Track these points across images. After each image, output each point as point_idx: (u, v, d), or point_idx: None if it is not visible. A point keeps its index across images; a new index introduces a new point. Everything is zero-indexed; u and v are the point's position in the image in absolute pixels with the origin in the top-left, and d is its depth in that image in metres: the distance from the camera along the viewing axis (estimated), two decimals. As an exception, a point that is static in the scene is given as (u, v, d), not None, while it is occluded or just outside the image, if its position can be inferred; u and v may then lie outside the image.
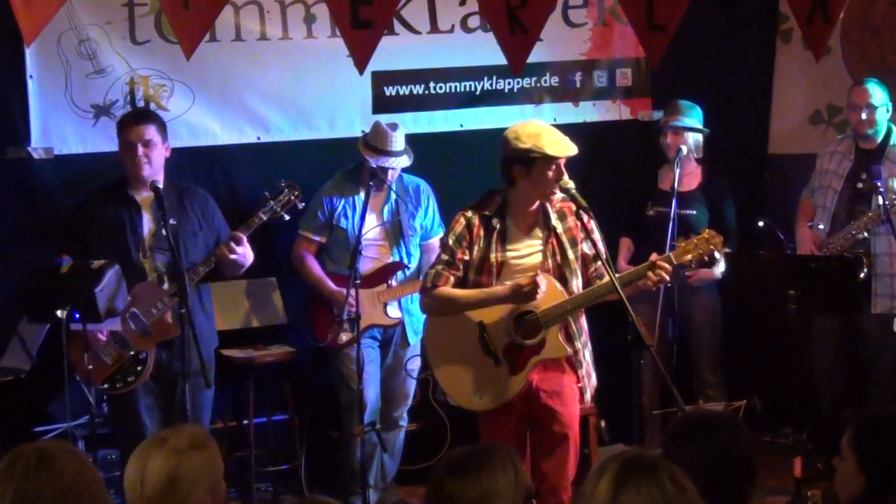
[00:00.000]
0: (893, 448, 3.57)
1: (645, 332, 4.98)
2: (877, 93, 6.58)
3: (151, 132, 5.80)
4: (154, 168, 5.79)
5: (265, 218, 5.88)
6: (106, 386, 5.74)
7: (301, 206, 6.06)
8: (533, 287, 5.01)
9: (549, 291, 5.10)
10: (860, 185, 6.62)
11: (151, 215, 5.82)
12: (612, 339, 5.79)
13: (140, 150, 5.76)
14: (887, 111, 6.62)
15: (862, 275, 6.37)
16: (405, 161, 6.30)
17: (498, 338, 5.17)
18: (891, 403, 6.62)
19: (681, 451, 3.21)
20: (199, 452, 3.14)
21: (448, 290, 5.16)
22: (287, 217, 5.98)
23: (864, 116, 6.56)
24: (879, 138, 6.62)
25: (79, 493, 2.64)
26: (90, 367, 5.56)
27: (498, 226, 5.13)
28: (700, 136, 6.79)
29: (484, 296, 5.13)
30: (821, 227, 6.64)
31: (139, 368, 5.76)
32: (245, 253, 5.84)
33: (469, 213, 5.18)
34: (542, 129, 5.15)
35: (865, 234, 6.51)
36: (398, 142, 6.26)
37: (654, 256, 5.15)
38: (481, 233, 5.14)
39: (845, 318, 6.66)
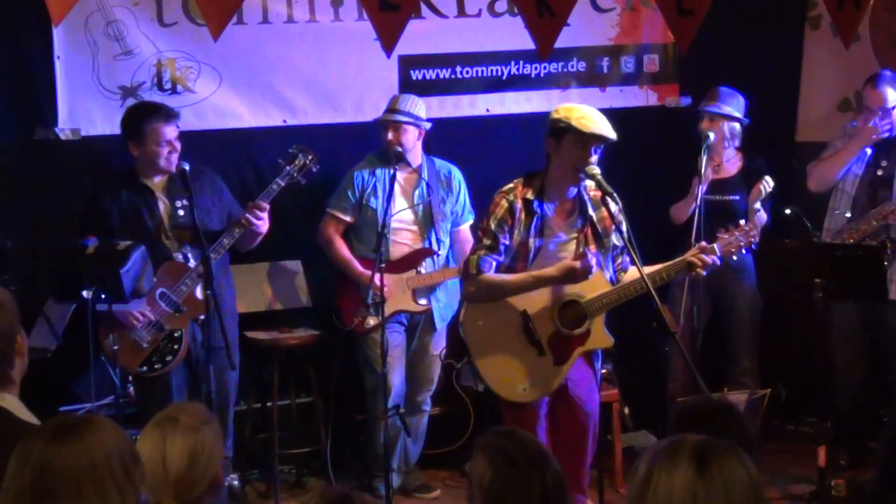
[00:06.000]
0: None
1: (670, 319, 4.97)
2: (891, 94, 6.54)
3: (178, 128, 5.86)
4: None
5: (283, 184, 5.92)
6: (144, 368, 5.78)
7: (316, 169, 6.06)
8: (586, 268, 4.99)
9: (594, 280, 5.08)
10: (880, 172, 6.60)
11: (166, 197, 5.86)
12: (638, 325, 5.77)
13: (177, 145, 5.82)
14: None
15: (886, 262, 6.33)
16: (407, 119, 6.27)
17: (542, 327, 5.14)
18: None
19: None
20: (210, 427, 3.19)
21: (494, 275, 5.09)
22: (303, 181, 5.99)
23: (878, 122, 6.54)
24: None
25: (106, 468, 2.60)
26: (115, 347, 5.60)
27: (538, 211, 5.09)
28: (737, 125, 6.75)
29: (533, 279, 5.06)
30: (847, 215, 6.59)
31: (176, 347, 5.81)
32: (266, 220, 5.89)
33: (511, 197, 5.10)
34: (580, 106, 5.14)
35: (882, 221, 6.48)
36: (404, 102, 6.30)
37: (700, 245, 5.17)
38: (523, 216, 5.08)
39: (866, 307, 6.63)
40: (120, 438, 2.66)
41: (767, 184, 6.49)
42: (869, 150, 6.63)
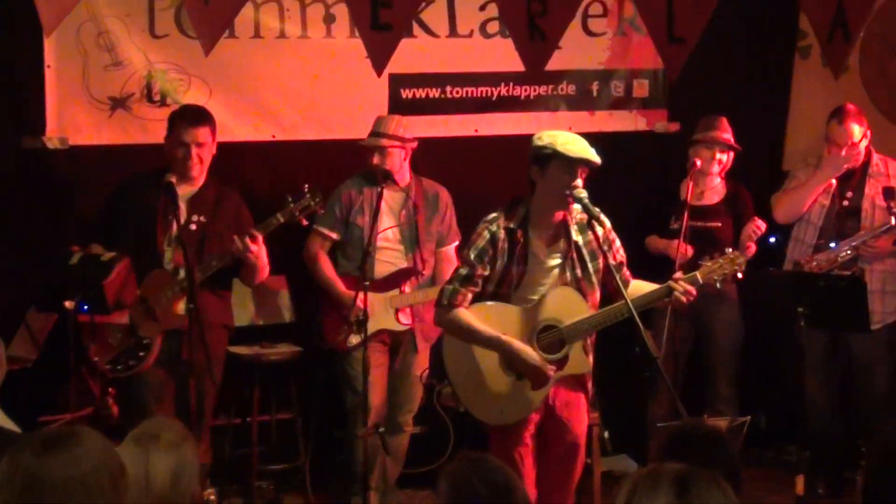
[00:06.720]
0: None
1: (652, 345, 4.98)
2: (857, 130, 6.58)
3: (205, 134, 5.87)
4: (203, 167, 5.88)
5: (282, 220, 5.85)
6: (108, 367, 5.75)
7: (321, 213, 6.06)
8: (544, 380, 5.05)
9: (573, 306, 5.09)
10: (846, 203, 6.64)
11: (186, 206, 5.84)
12: (619, 350, 5.77)
13: (193, 151, 5.82)
14: (866, 139, 6.63)
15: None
16: (392, 141, 6.25)
17: None
18: (884, 420, 6.61)
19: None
20: (190, 444, 3.19)
21: (465, 317, 5.09)
22: (305, 223, 5.96)
23: (844, 154, 6.58)
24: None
25: (94, 481, 2.59)
26: (96, 358, 5.59)
27: (522, 239, 5.08)
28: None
29: (498, 343, 5.07)
30: (833, 245, 6.62)
31: (141, 354, 5.76)
32: (259, 254, 5.81)
33: (493, 227, 5.09)
34: (563, 132, 5.15)
35: (853, 253, 6.52)
36: (388, 124, 6.27)
37: (678, 275, 5.18)
38: (505, 246, 5.07)
39: (835, 338, 6.66)
40: (107, 450, 2.66)
41: (759, 228, 6.51)
42: (833, 182, 6.67)
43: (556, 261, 5.14)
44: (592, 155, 5.01)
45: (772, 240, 6.92)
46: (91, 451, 2.61)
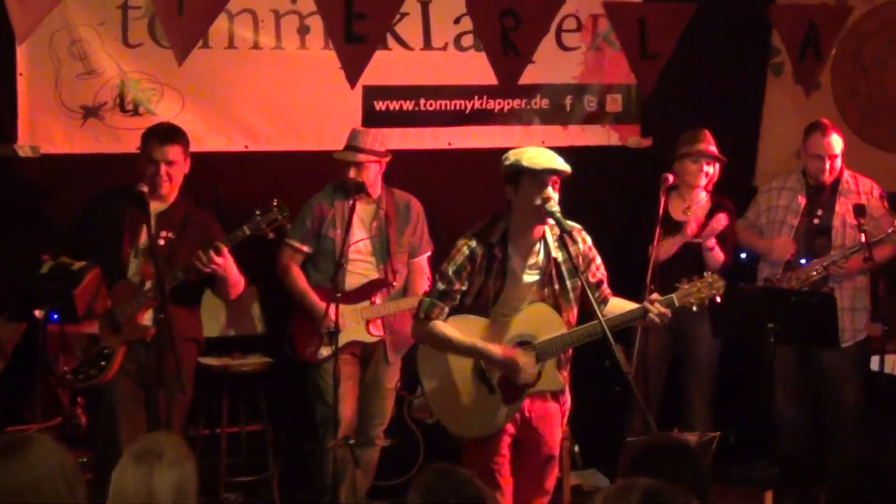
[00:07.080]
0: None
1: (623, 360, 4.98)
2: (837, 143, 6.62)
3: (176, 152, 5.83)
4: (173, 185, 5.86)
5: (249, 233, 5.81)
6: (69, 377, 5.72)
7: (289, 226, 6.04)
8: (528, 377, 5.05)
9: (548, 322, 5.10)
10: (816, 221, 6.67)
11: (156, 220, 5.82)
12: (590, 364, 5.78)
13: (163, 169, 5.80)
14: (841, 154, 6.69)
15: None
16: (368, 156, 6.24)
17: (494, 367, 5.15)
18: (852, 436, 6.67)
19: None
20: (190, 461, 3.19)
21: (442, 328, 5.09)
22: (271, 236, 5.93)
23: (827, 166, 6.62)
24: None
25: (50, 486, 2.60)
26: (65, 367, 5.55)
27: (500, 255, 5.10)
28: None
29: (476, 350, 5.09)
30: (803, 261, 6.65)
31: (103, 364, 5.72)
32: (226, 266, 5.78)
33: (473, 243, 5.10)
34: (529, 147, 5.17)
35: (823, 273, 6.56)
36: (364, 138, 6.25)
37: (654, 296, 5.18)
38: (484, 262, 5.08)
39: (804, 354, 6.69)
40: (63, 456, 2.67)
41: (720, 221, 6.56)
42: (803, 201, 6.69)
43: (534, 277, 5.15)
44: (560, 164, 5.03)
45: (742, 256, 6.96)
46: (45, 456, 2.62)
